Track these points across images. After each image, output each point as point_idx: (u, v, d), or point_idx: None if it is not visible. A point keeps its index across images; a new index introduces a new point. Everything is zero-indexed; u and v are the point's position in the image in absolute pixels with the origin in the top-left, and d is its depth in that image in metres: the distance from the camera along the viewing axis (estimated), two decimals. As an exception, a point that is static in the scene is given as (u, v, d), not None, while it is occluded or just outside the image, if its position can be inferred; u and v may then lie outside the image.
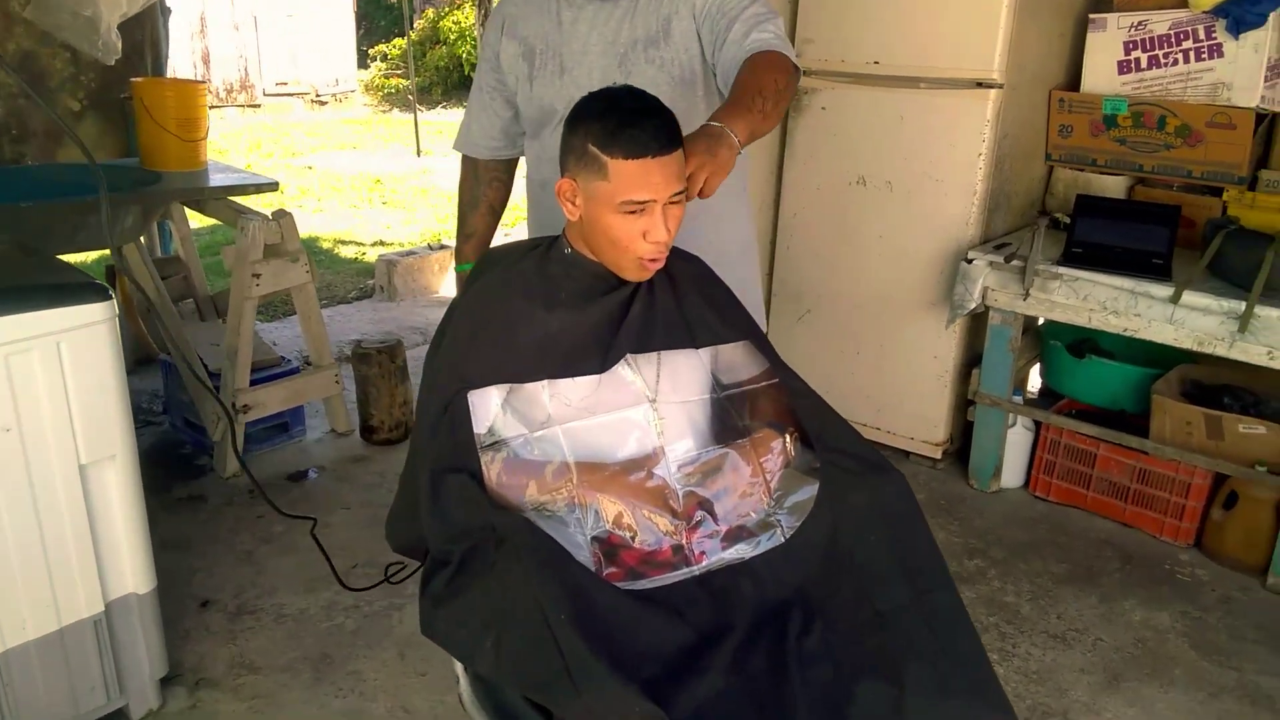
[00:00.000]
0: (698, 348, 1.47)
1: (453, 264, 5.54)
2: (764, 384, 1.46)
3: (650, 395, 1.40)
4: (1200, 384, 3.00)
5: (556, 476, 1.32)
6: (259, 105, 13.45)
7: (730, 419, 1.46)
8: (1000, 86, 2.95)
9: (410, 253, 5.55)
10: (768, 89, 1.55)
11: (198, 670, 2.28)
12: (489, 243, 2.17)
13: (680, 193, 1.32)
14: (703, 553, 1.31)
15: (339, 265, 6.06)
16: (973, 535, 2.98)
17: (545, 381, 1.35)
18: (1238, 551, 2.80)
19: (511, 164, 2.21)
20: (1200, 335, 2.65)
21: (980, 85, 2.96)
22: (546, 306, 1.36)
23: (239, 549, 2.80)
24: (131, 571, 2.02)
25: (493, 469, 1.31)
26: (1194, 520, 2.91)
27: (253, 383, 3.25)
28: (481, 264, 1.46)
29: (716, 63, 1.75)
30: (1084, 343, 3.23)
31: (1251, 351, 2.57)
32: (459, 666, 1.52)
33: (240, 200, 3.40)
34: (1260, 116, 2.89)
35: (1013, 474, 3.28)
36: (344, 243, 6.70)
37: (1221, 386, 2.93)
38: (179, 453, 3.38)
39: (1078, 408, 3.24)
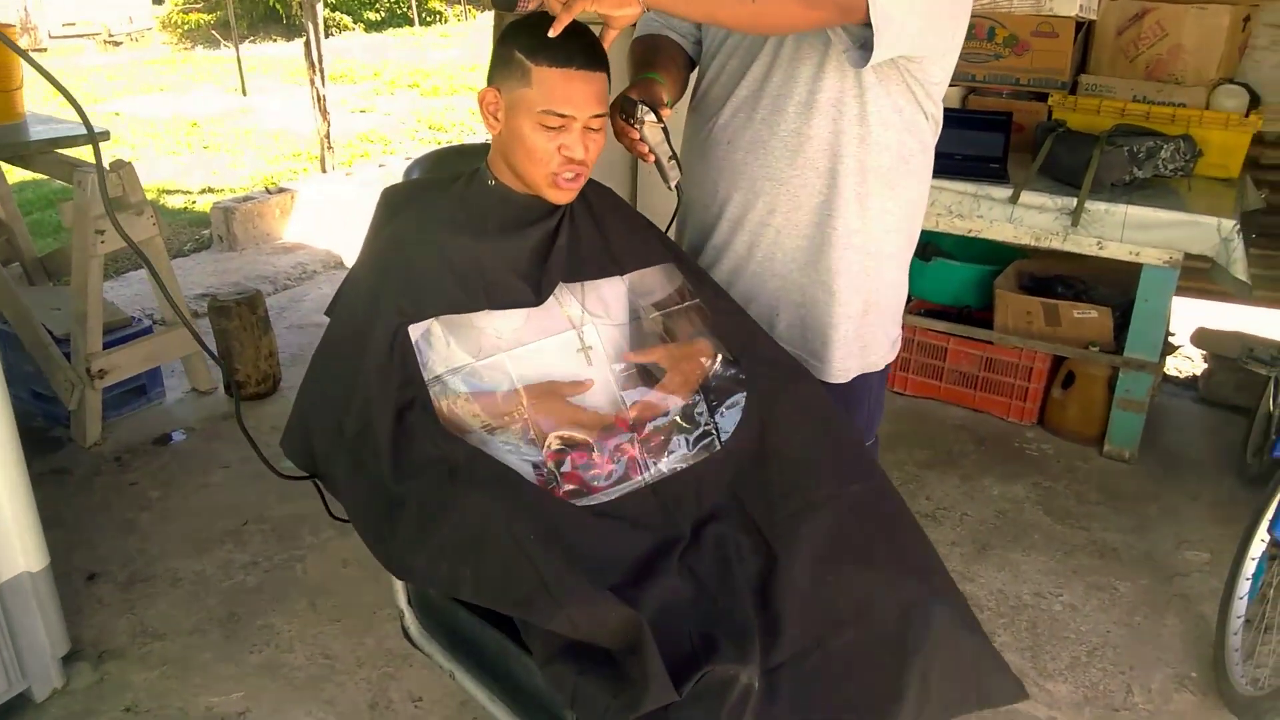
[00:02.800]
0: (624, 274, 1.51)
1: (294, 207, 5.37)
2: (685, 304, 1.52)
3: (580, 321, 1.45)
4: (1035, 276, 3.26)
5: (506, 401, 1.35)
6: (45, 49, 12.35)
7: (653, 340, 1.52)
8: (844, 3, 3.05)
9: (247, 198, 5.29)
10: None
11: (99, 644, 2.21)
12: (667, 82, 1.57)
13: (600, 115, 1.35)
14: (645, 464, 1.38)
15: (168, 216, 5.71)
16: (843, 434, 3.18)
17: (484, 311, 1.37)
18: (1077, 425, 3.10)
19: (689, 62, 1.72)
20: (1037, 231, 2.88)
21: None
22: (474, 236, 1.38)
23: (117, 518, 2.69)
24: (22, 549, 1.93)
25: (444, 401, 1.32)
26: (1036, 401, 3.20)
27: (105, 346, 3.09)
28: (396, 199, 1.45)
29: None
30: (927, 246, 3.44)
31: (1083, 243, 2.82)
32: (402, 601, 1.55)
33: (68, 152, 3.18)
34: (1079, 24, 3.11)
35: (873, 374, 3.48)
36: (169, 192, 6.32)
37: (1054, 277, 3.20)
38: (31, 425, 3.18)
39: (926, 307, 3.46)
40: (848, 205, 1.55)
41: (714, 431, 1.42)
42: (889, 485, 1.44)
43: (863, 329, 1.64)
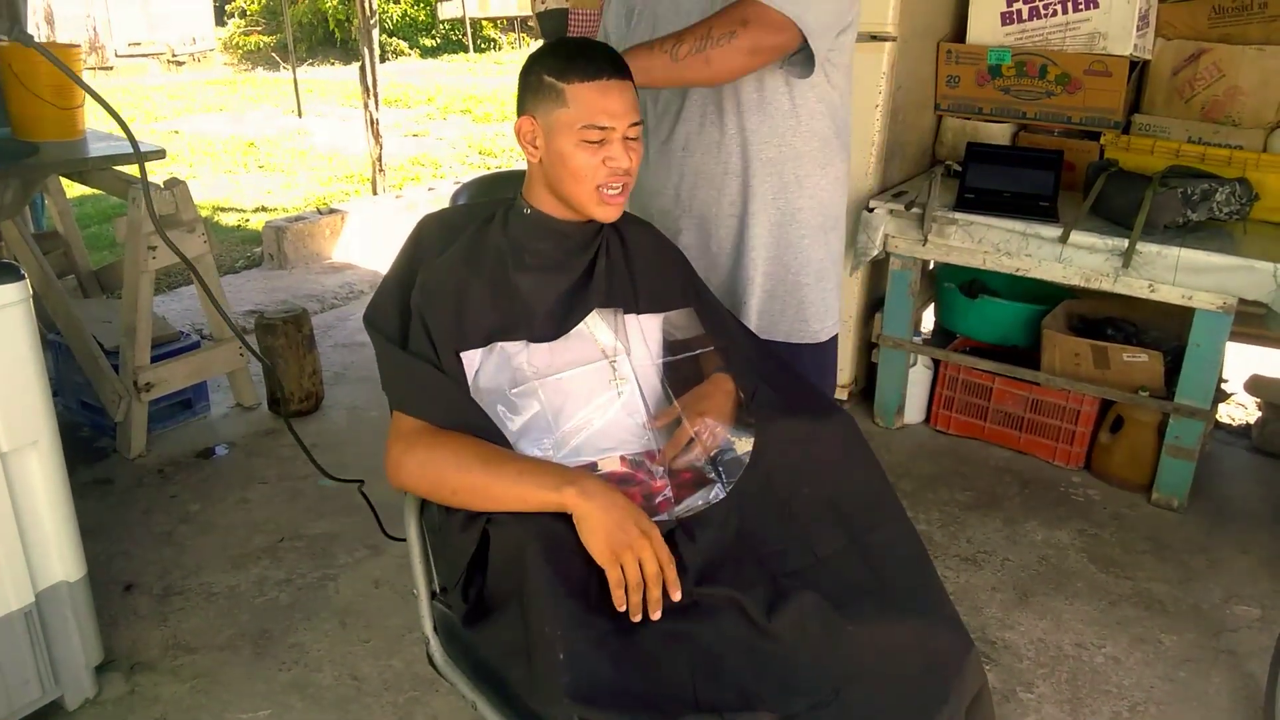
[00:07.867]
0: (640, 313, 1.50)
1: (344, 228, 5.44)
2: (709, 348, 1.51)
3: (610, 355, 1.44)
4: (1084, 317, 3.20)
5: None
6: (111, 68, 12.71)
7: (682, 381, 1.51)
8: (894, 39, 3.05)
9: (299, 218, 5.38)
10: (693, 34, 1.54)
11: (131, 655, 2.23)
12: None
13: (637, 124, 1.36)
14: (673, 501, 1.36)
15: (222, 234, 5.83)
16: (883, 471, 3.13)
17: (522, 342, 1.37)
18: (1124, 471, 3.02)
19: None
20: (1087, 272, 2.83)
21: (875, 39, 3.05)
22: (516, 268, 1.38)
23: (156, 530, 2.73)
24: (60, 559, 1.96)
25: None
26: (1083, 445, 3.12)
27: (153, 359, 3.14)
28: (440, 228, 1.45)
29: None
30: (973, 283, 3.40)
31: (1134, 285, 2.76)
32: (428, 628, 1.54)
33: (125, 169, 3.25)
34: (1132, 64, 3.07)
35: (915, 411, 3.44)
36: (223, 210, 6.45)
37: (1104, 319, 3.13)
38: (78, 435, 3.25)
39: (972, 345, 3.41)
40: (788, 189, 1.79)
41: (719, 478, 1.39)
42: (912, 530, 1.41)
43: (825, 294, 1.88)
